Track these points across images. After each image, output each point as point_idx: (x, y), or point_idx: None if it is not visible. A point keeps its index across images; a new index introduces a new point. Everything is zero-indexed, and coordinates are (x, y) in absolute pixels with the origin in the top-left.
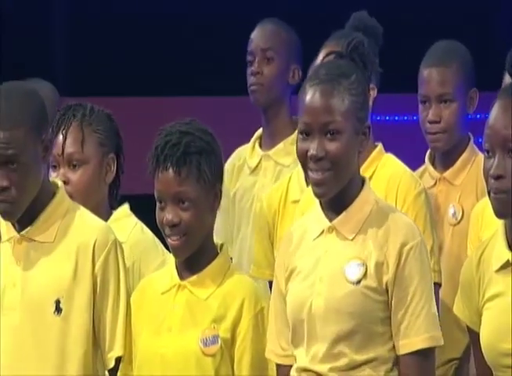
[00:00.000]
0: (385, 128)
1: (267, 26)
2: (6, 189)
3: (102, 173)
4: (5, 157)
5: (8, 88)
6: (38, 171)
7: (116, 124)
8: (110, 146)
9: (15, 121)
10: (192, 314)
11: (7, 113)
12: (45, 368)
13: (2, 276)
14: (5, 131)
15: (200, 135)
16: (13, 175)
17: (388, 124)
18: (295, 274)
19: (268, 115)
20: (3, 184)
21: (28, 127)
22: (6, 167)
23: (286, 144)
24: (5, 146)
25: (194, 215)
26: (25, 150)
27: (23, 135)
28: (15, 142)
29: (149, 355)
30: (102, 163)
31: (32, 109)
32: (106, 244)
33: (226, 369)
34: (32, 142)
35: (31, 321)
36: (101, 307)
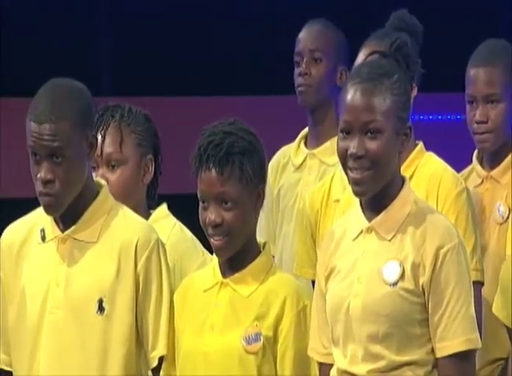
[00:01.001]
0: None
1: (315, 26)
2: (50, 183)
3: (140, 174)
4: (50, 149)
5: (55, 82)
6: (83, 166)
7: (154, 125)
8: (148, 146)
9: (61, 114)
10: (235, 312)
11: (54, 107)
12: (88, 367)
13: (47, 276)
14: (51, 124)
15: (243, 135)
16: (58, 169)
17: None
18: (334, 274)
19: (316, 116)
20: (47, 177)
21: (74, 121)
22: (51, 160)
23: (333, 143)
24: (51, 138)
25: (237, 215)
26: (70, 143)
27: (69, 128)
28: (60, 134)
29: (191, 354)
30: (140, 164)
31: (78, 104)
32: (148, 243)
33: (269, 367)
34: (77, 137)
35: (74, 320)
36: (144, 306)
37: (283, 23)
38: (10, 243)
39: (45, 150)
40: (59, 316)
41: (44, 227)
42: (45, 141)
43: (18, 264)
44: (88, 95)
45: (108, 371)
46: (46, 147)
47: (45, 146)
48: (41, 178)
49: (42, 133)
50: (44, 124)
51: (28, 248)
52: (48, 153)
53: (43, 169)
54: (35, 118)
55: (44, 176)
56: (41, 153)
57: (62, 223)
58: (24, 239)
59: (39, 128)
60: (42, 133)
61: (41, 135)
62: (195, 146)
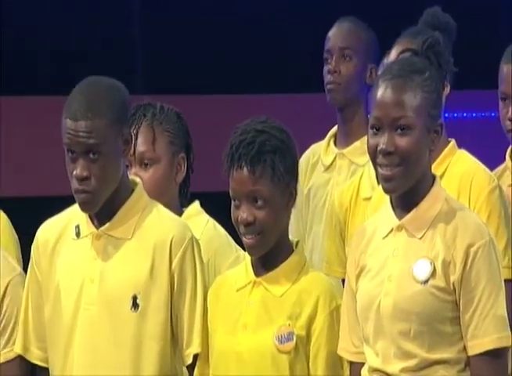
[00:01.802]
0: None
1: (345, 24)
2: (86, 180)
3: (173, 172)
4: (86, 146)
5: (91, 80)
6: (118, 164)
7: (185, 123)
8: (180, 145)
9: (97, 111)
10: (268, 311)
11: (89, 104)
12: (122, 363)
13: (81, 272)
14: (87, 121)
15: (275, 134)
16: (94, 166)
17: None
18: (365, 272)
19: (345, 114)
20: (83, 174)
21: (110, 118)
22: (87, 157)
23: (362, 143)
24: (87, 135)
25: (269, 214)
26: (106, 140)
27: (105, 125)
28: (96, 131)
29: (224, 353)
30: (172, 162)
31: (114, 101)
32: (183, 240)
33: (301, 366)
34: (113, 135)
35: (109, 316)
36: (178, 304)
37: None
38: (45, 240)
39: (80, 147)
40: (94, 312)
41: (79, 224)
42: (80, 138)
43: (53, 260)
44: (123, 93)
45: (142, 368)
46: (82, 144)
47: (80, 143)
48: (77, 175)
49: (78, 130)
50: (80, 121)
51: (63, 245)
52: (83, 150)
53: (79, 166)
54: (71, 115)
55: (80, 173)
56: (76, 151)
57: (97, 220)
58: (59, 235)
59: (75, 125)
60: (78, 130)
61: (77, 133)
62: (227, 145)
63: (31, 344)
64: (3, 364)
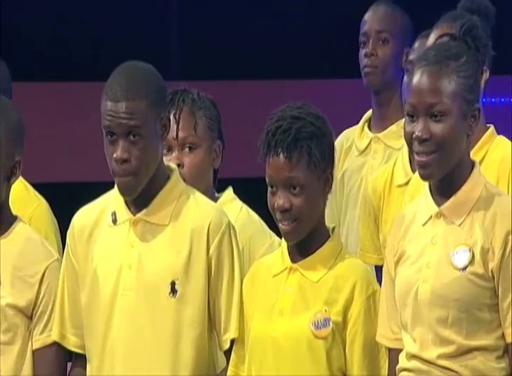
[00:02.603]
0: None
1: (381, 8)
2: (126, 162)
3: (211, 158)
4: (126, 127)
5: (130, 64)
6: (157, 147)
7: (218, 111)
8: (216, 131)
9: (138, 93)
10: (304, 297)
11: (129, 85)
12: (160, 348)
13: (119, 258)
14: (128, 102)
15: (311, 120)
16: (134, 148)
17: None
18: (404, 259)
19: (380, 98)
20: (124, 156)
21: (149, 100)
22: (127, 139)
23: (398, 127)
24: (128, 116)
25: (305, 201)
26: (146, 123)
27: (145, 107)
28: (137, 113)
29: (260, 338)
30: (211, 147)
31: (153, 84)
32: (220, 226)
33: (338, 352)
34: (153, 117)
35: (147, 302)
36: (216, 289)
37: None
38: (81, 226)
39: (121, 129)
40: (132, 298)
41: (115, 210)
42: (121, 119)
43: (89, 247)
44: (160, 77)
45: (180, 353)
46: (122, 126)
47: (121, 125)
48: (118, 157)
49: (118, 111)
50: (120, 102)
51: (99, 231)
52: (124, 131)
53: (119, 148)
54: (111, 97)
55: (120, 155)
56: (116, 133)
57: (133, 206)
58: (95, 222)
59: (115, 106)
60: (118, 111)
61: (118, 114)
62: (262, 131)
63: (67, 331)
64: (41, 349)
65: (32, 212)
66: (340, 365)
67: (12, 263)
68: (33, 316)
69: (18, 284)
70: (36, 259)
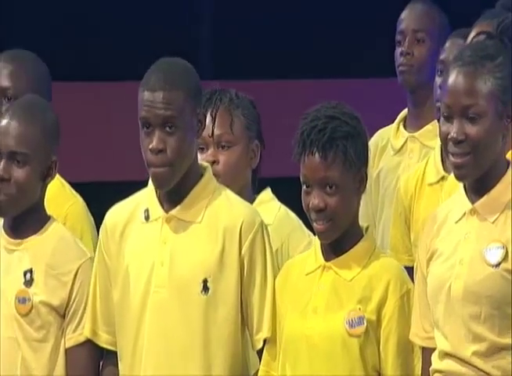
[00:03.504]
0: None
1: (418, 6)
2: (162, 152)
3: (248, 158)
4: (163, 118)
5: (168, 58)
6: (192, 141)
7: (258, 112)
8: (254, 131)
9: (175, 84)
10: (338, 295)
11: (167, 76)
12: (191, 345)
13: (151, 255)
14: (165, 92)
15: (346, 119)
16: (170, 139)
17: None
18: (436, 256)
19: (416, 97)
20: (159, 146)
21: (186, 92)
22: (163, 130)
23: (434, 126)
24: (165, 106)
25: (340, 200)
26: (183, 114)
27: (182, 99)
28: (174, 103)
29: (294, 337)
30: (248, 147)
31: (191, 79)
32: (253, 225)
33: (372, 350)
34: (189, 110)
35: (179, 299)
36: (248, 289)
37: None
38: (113, 224)
39: (157, 119)
40: (164, 295)
41: (148, 207)
42: (158, 109)
43: (121, 244)
44: (197, 74)
45: (212, 351)
46: (159, 116)
47: (158, 115)
48: (153, 147)
49: (156, 101)
50: (157, 91)
51: (131, 228)
52: (160, 122)
53: (155, 139)
54: (149, 87)
55: (156, 146)
56: (153, 123)
57: (166, 203)
58: (128, 219)
59: (153, 95)
60: (156, 101)
61: (155, 103)
62: (296, 130)
63: (99, 328)
64: (73, 348)
65: (68, 210)
66: (374, 363)
67: (46, 261)
68: (66, 315)
69: (51, 283)
70: (69, 258)
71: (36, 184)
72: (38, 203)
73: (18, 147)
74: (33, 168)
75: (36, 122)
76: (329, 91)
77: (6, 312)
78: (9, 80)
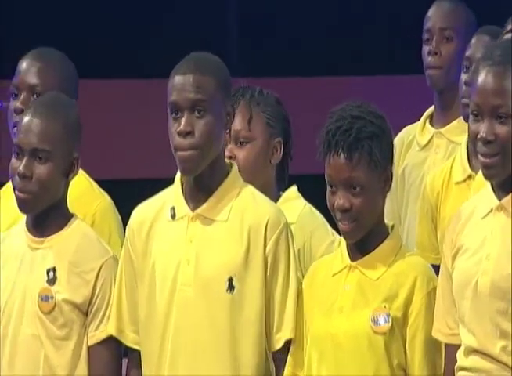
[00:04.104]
0: None
1: (445, 4)
2: (190, 134)
3: (268, 154)
4: (192, 101)
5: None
6: (221, 131)
7: (284, 110)
8: (278, 128)
9: (206, 69)
10: (364, 294)
11: (198, 62)
12: (218, 344)
13: (177, 254)
14: (196, 75)
15: (372, 119)
16: (198, 122)
17: None
18: (462, 252)
19: (444, 97)
20: (187, 129)
21: (217, 79)
22: (192, 114)
23: (460, 122)
24: (195, 89)
25: (365, 201)
26: (212, 100)
27: (213, 85)
28: (204, 87)
29: (320, 336)
30: (269, 143)
31: (222, 69)
32: (278, 224)
33: (398, 348)
34: (219, 99)
35: (205, 298)
36: (271, 288)
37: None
38: (140, 222)
39: (187, 102)
40: (190, 293)
41: (174, 205)
42: (188, 92)
43: (147, 243)
44: (227, 69)
45: (239, 349)
46: (189, 99)
47: (187, 98)
48: (181, 130)
49: (186, 84)
50: (188, 74)
51: (158, 227)
52: (190, 104)
53: (183, 121)
54: (179, 71)
55: (184, 128)
56: (182, 106)
57: (192, 201)
58: (154, 217)
59: (183, 79)
60: (186, 84)
61: (185, 86)
62: (321, 129)
63: (125, 326)
64: (96, 345)
65: (96, 208)
66: (400, 361)
67: (69, 259)
68: (88, 313)
69: (74, 280)
70: (92, 256)
71: (58, 181)
72: (61, 200)
73: (40, 144)
74: (55, 165)
75: (58, 119)
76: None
77: (29, 309)
78: (37, 77)
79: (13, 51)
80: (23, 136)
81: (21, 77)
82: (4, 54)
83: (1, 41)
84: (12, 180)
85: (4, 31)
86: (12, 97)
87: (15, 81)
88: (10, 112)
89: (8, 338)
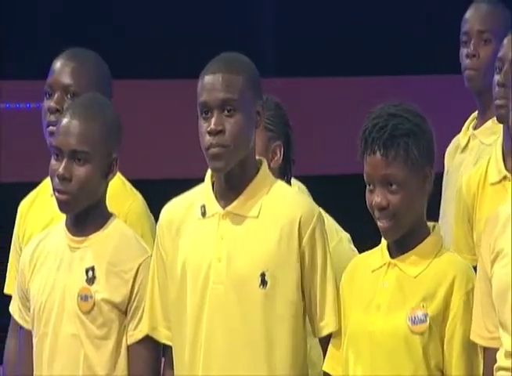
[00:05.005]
0: None
1: (483, 6)
2: (220, 133)
3: (268, 158)
4: (222, 100)
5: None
6: (251, 131)
7: (285, 114)
8: (278, 133)
9: (235, 68)
10: (402, 292)
11: (227, 61)
12: (253, 342)
13: (208, 251)
14: (225, 74)
15: (409, 117)
16: (227, 121)
17: None
18: (501, 256)
19: (482, 99)
20: (218, 127)
21: (247, 78)
22: (222, 113)
23: (494, 123)
24: (225, 88)
25: (402, 198)
26: (242, 99)
27: (242, 84)
28: (234, 86)
29: (357, 332)
30: (267, 147)
31: (252, 70)
32: (311, 218)
33: (435, 348)
34: (249, 97)
35: (237, 295)
36: (309, 282)
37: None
38: (170, 220)
39: (217, 101)
40: (222, 291)
41: (204, 203)
42: (217, 91)
43: (178, 241)
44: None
45: (274, 344)
46: (219, 98)
47: (217, 98)
48: (211, 129)
49: (215, 83)
50: (217, 74)
51: (188, 224)
52: (220, 103)
53: (213, 120)
54: (209, 71)
55: (214, 127)
56: (212, 105)
57: (223, 199)
58: (184, 215)
59: (213, 78)
60: (215, 83)
61: (214, 86)
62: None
63: (159, 323)
64: (135, 344)
65: (128, 208)
66: (437, 361)
67: (108, 259)
68: (127, 312)
69: (113, 280)
70: (130, 255)
71: (97, 182)
72: (100, 200)
73: (79, 146)
74: (94, 166)
75: (96, 120)
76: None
77: (69, 309)
78: (71, 77)
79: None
80: (62, 138)
81: (55, 77)
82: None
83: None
84: (52, 181)
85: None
86: (45, 97)
87: (49, 80)
88: (44, 111)
89: (48, 337)
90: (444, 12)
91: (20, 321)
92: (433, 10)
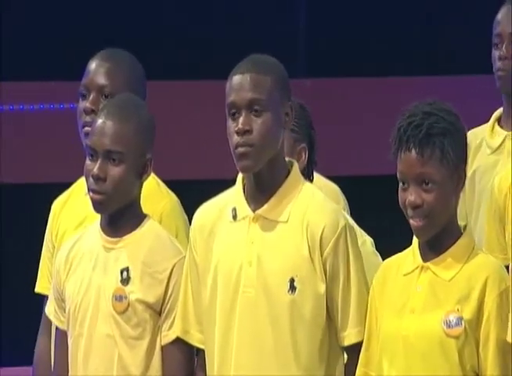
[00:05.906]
0: None
1: None
2: (247, 133)
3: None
4: (250, 99)
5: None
6: (280, 132)
7: (309, 116)
8: (302, 134)
9: (263, 68)
10: (436, 295)
11: (258, 62)
12: (281, 346)
13: (239, 255)
14: (253, 74)
15: (444, 116)
16: (256, 120)
17: None
18: None
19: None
20: (245, 127)
21: (275, 81)
22: (249, 113)
23: None
24: (253, 88)
25: (437, 197)
26: (270, 100)
27: (271, 84)
28: (262, 86)
29: (391, 337)
30: (293, 149)
31: (280, 71)
32: (336, 228)
33: (470, 351)
34: (277, 99)
35: (266, 299)
36: (331, 293)
37: None
38: (202, 223)
39: (244, 101)
40: (252, 295)
41: (235, 206)
42: (245, 91)
43: (210, 243)
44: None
45: (300, 350)
46: (246, 99)
47: (245, 97)
48: (239, 128)
49: (243, 83)
50: (246, 74)
51: (220, 227)
52: (247, 103)
53: (241, 120)
54: (237, 72)
55: (242, 127)
56: (240, 105)
57: (253, 202)
58: (216, 218)
59: (241, 78)
60: (243, 83)
61: (242, 86)
62: (394, 128)
63: (191, 327)
64: (169, 345)
65: (163, 208)
66: (472, 364)
67: (142, 259)
68: (161, 313)
69: (147, 280)
70: (165, 256)
71: (132, 182)
72: (135, 201)
73: (113, 146)
74: (128, 167)
75: (131, 120)
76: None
77: (104, 309)
78: (105, 78)
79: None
80: (97, 138)
81: (90, 78)
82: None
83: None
84: (87, 181)
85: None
86: (80, 98)
87: (84, 81)
88: (79, 112)
89: (83, 337)
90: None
91: (56, 322)
92: (470, 11)
